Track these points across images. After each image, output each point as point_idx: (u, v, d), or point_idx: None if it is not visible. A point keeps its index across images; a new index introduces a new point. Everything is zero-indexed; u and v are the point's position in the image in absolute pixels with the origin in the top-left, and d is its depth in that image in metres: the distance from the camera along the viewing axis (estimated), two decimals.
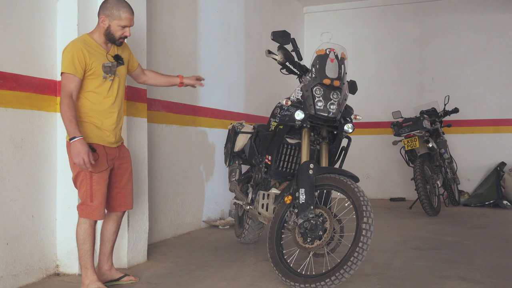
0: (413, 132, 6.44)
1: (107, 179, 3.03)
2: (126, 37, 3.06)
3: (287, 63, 3.42)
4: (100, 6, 3.03)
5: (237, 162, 4.47)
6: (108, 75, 3.01)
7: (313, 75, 3.29)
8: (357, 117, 3.52)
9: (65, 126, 2.83)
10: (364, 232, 2.92)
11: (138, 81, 3.52)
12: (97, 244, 3.25)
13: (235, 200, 4.41)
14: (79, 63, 2.89)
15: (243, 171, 4.48)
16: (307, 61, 3.56)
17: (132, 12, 3.04)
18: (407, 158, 6.68)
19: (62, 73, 2.92)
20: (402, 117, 6.83)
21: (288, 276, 3.12)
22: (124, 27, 3.00)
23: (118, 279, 3.30)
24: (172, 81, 3.61)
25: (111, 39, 3.03)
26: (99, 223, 3.26)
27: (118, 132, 3.13)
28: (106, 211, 3.16)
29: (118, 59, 3.07)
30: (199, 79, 3.69)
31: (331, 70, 3.26)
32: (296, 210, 3.20)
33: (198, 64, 5.41)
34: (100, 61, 2.98)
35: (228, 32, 6.14)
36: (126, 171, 3.19)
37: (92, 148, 2.91)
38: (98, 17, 3.02)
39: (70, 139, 2.81)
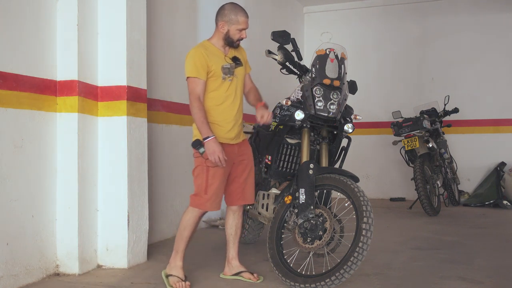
0: (413, 132, 6.43)
1: (223, 174, 3.20)
2: (242, 39, 3.25)
3: (287, 63, 3.42)
4: (218, 13, 3.23)
5: None
6: (227, 76, 3.20)
7: (313, 75, 3.29)
8: (357, 117, 3.52)
9: (198, 127, 3.11)
10: (364, 232, 2.92)
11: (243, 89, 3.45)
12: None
13: None
14: (201, 67, 3.12)
15: None
16: (307, 61, 3.56)
17: (247, 15, 3.23)
18: (407, 158, 6.67)
19: (187, 78, 3.14)
20: (402, 117, 6.82)
21: (288, 276, 3.12)
22: (241, 30, 3.21)
23: (238, 273, 3.39)
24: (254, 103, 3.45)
25: (229, 42, 3.24)
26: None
27: (237, 129, 3.31)
28: (226, 205, 3.40)
29: (236, 60, 3.27)
30: (263, 116, 3.26)
31: (331, 70, 3.26)
32: (296, 210, 3.20)
33: None
34: (219, 64, 3.18)
35: None
36: (246, 167, 3.35)
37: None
38: (217, 24, 3.23)
39: (204, 139, 3.08)
